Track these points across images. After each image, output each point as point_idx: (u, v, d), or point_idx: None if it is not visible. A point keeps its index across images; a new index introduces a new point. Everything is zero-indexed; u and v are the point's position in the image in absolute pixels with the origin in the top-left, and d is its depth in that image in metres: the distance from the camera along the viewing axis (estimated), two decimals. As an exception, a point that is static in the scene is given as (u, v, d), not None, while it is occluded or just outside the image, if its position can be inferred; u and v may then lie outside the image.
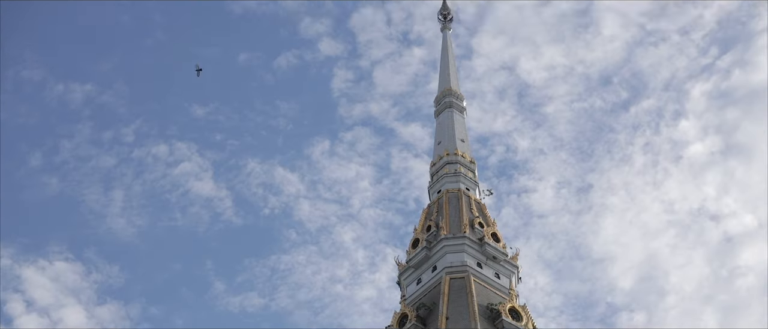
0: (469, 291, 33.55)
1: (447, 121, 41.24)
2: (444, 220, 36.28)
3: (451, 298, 33.39)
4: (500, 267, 35.48)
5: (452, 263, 34.78)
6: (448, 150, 39.69)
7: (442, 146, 40.24)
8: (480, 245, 35.49)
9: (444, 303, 33.15)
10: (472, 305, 32.93)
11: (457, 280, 34.09)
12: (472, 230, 35.93)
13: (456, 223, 36.20)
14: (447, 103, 41.94)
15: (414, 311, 33.39)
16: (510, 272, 35.59)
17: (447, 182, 38.44)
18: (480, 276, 34.65)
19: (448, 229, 35.81)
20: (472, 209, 37.09)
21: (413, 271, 35.89)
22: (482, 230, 36.00)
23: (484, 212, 37.60)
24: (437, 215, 36.85)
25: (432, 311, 33.41)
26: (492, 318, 32.67)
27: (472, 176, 39.09)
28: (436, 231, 36.03)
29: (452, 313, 32.79)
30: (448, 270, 34.52)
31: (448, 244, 35.20)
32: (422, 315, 33.33)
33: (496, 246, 35.69)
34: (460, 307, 32.96)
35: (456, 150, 39.62)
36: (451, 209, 36.94)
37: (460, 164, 39.11)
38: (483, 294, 33.83)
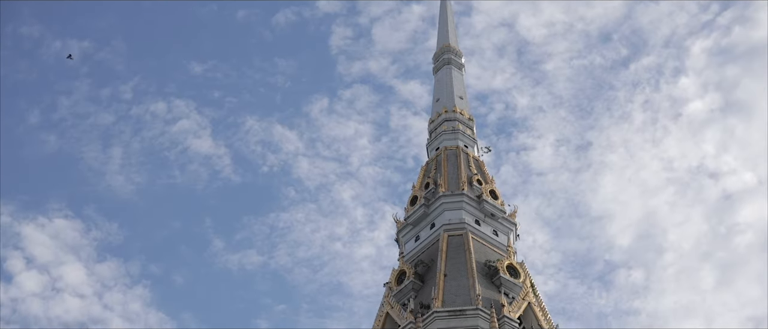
0: (467, 248, 33.58)
1: (445, 78, 41.07)
2: (442, 177, 36.24)
3: (449, 255, 33.43)
4: (498, 224, 35.50)
5: (450, 220, 34.79)
6: (447, 107, 39.55)
7: (440, 103, 40.10)
8: (478, 202, 35.48)
9: (442, 260, 33.20)
10: (470, 262, 32.98)
11: (455, 237, 34.11)
12: (471, 187, 35.90)
13: (454, 180, 36.17)
14: (445, 60, 41.73)
15: (412, 268, 33.45)
16: (508, 229, 35.62)
17: (445, 139, 38.35)
18: (478, 233, 34.68)
19: (447, 186, 35.78)
20: (471, 167, 37.04)
21: (411, 228, 35.91)
22: (480, 187, 35.97)
23: (483, 169, 37.55)
24: (435, 173, 36.81)
25: (430, 268, 33.46)
26: (490, 275, 32.74)
27: (471, 134, 39.00)
28: (435, 189, 36.01)
29: (450, 270, 32.85)
30: (446, 228, 34.54)
31: (446, 201, 35.19)
32: (420, 272, 33.39)
33: (494, 204, 35.69)
34: (458, 264, 33.02)
35: (454, 107, 39.48)
36: (449, 166, 36.88)
37: (458, 121, 38.98)
38: (481, 251, 33.88)
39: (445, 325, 30.86)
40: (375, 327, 32.98)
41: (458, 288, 32.10)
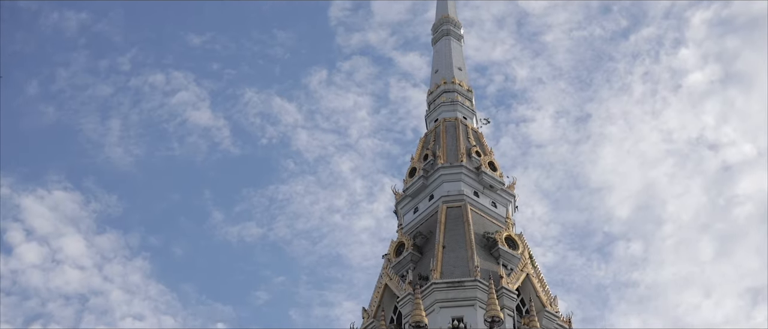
0: (465, 219, 33.56)
1: (444, 49, 40.88)
2: (441, 149, 36.17)
3: (448, 227, 33.42)
4: (497, 195, 35.47)
5: (449, 192, 34.76)
6: (445, 78, 39.40)
7: (439, 74, 39.94)
8: (477, 174, 35.43)
9: (440, 231, 33.19)
10: (468, 233, 32.97)
11: (453, 209, 34.09)
12: (469, 159, 35.84)
13: (453, 152, 36.10)
14: (444, 31, 41.52)
15: (411, 239, 33.44)
16: (506, 201, 35.60)
17: (444, 110, 38.23)
18: (476, 204, 34.66)
19: (445, 158, 35.72)
20: (469, 138, 36.96)
21: (410, 200, 35.88)
22: (479, 159, 35.91)
23: (481, 140, 37.47)
24: (434, 144, 36.73)
25: (428, 239, 33.46)
26: (488, 246, 32.74)
27: (470, 105, 38.88)
28: (433, 160, 35.94)
29: (449, 242, 32.84)
30: (444, 199, 34.51)
31: (444, 173, 35.14)
32: (419, 244, 33.38)
33: (492, 175, 35.64)
34: (457, 236, 33.01)
35: (453, 78, 39.33)
36: (448, 138, 36.79)
37: (457, 92, 38.85)
38: (479, 222, 33.87)
39: (443, 297, 30.89)
40: (373, 298, 33.01)
41: (457, 260, 32.11)
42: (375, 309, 32.47)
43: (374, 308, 32.56)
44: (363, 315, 33.04)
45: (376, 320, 31.76)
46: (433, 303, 30.81)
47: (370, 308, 32.88)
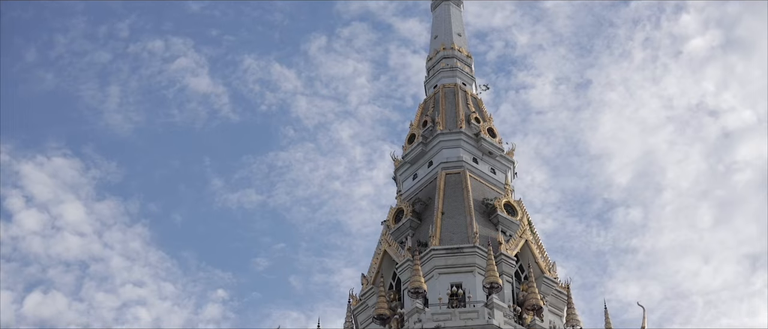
0: (464, 186, 33.53)
1: (443, 15, 40.65)
2: (440, 115, 36.07)
3: (447, 193, 33.39)
4: (496, 162, 35.42)
5: (448, 158, 34.69)
6: (445, 44, 39.21)
7: (438, 40, 39.74)
8: (476, 140, 35.36)
9: (439, 198, 33.17)
10: (467, 200, 32.95)
11: (452, 175, 34.05)
12: (468, 125, 35.74)
13: (452, 118, 36.00)
14: (444, -4, 41.23)
15: (410, 206, 33.43)
16: (506, 167, 35.55)
17: (443, 76, 38.09)
18: (475, 171, 34.61)
19: (444, 124, 35.63)
20: (469, 105, 36.85)
21: (409, 166, 35.83)
22: (478, 125, 35.82)
23: (481, 107, 37.36)
24: (433, 111, 36.62)
25: (427, 206, 33.45)
26: (487, 213, 32.73)
27: (469, 71, 38.72)
28: (432, 127, 35.85)
29: (448, 208, 32.83)
30: (443, 166, 34.46)
31: (443, 139, 35.06)
32: (418, 210, 33.36)
33: (492, 142, 35.57)
34: (456, 202, 32.99)
35: (453, 44, 39.14)
36: (447, 104, 36.68)
37: (456, 58, 38.69)
38: (478, 189, 33.83)
39: (442, 263, 30.92)
40: (372, 265, 33.05)
41: (455, 226, 32.11)
42: (374, 276, 32.51)
43: (373, 274, 32.61)
44: (362, 281, 33.09)
45: (375, 286, 31.81)
46: (431, 269, 30.85)
47: (369, 274, 32.93)
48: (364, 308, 32.24)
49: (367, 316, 31.86)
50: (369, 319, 31.49)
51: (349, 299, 32.68)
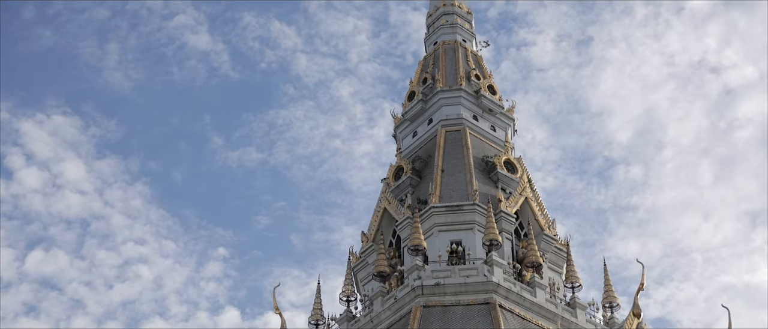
0: (464, 143, 33.45)
1: (444, -29, 40.25)
2: (440, 72, 35.90)
3: (447, 151, 33.32)
4: (496, 119, 35.31)
5: (448, 116, 34.58)
6: (445, 1, 38.92)
7: (438, -4, 39.40)
8: (476, 97, 35.22)
9: (439, 155, 33.10)
10: (467, 157, 32.88)
11: (452, 133, 33.95)
12: (469, 82, 35.59)
13: (452, 75, 35.83)
14: (444, -48, 40.84)
15: (410, 164, 33.38)
16: (506, 124, 35.44)
17: (443, 33, 37.84)
18: (476, 128, 34.51)
19: (444, 81, 35.47)
20: (469, 61, 36.67)
21: (409, 124, 35.72)
22: (478, 82, 35.66)
23: (481, 64, 37.18)
24: (433, 68, 36.45)
25: (427, 163, 33.39)
26: (487, 170, 32.67)
27: (469, 28, 38.47)
28: (432, 84, 35.70)
29: (447, 165, 32.77)
30: (443, 123, 34.35)
31: (443, 97, 34.92)
32: (418, 168, 33.31)
33: (492, 99, 35.43)
34: (456, 159, 32.92)
35: (453, 1, 38.85)
36: (447, 61, 36.49)
37: (456, 15, 38.40)
38: (478, 146, 33.75)
39: (442, 220, 30.92)
40: (372, 222, 33.05)
41: (455, 184, 32.07)
42: (374, 233, 32.53)
43: (373, 232, 32.62)
44: (362, 238, 33.11)
45: (375, 244, 31.84)
46: (431, 226, 30.85)
47: (369, 232, 32.94)
48: (364, 265, 32.29)
49: (367, 273, 31.93)
50: (369, 276, 31.56)
51: (349, 256, 32.71)
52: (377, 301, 29.79)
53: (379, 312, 29.47)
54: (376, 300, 29.83)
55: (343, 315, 30.89)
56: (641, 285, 28.09)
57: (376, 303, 29.83)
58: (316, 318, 31.63)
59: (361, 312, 30.74)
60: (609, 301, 31.08)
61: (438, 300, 28.56)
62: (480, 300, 28.43)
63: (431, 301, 28.55)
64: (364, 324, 29.73)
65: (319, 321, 31.55)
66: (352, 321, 30.50)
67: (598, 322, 30.38)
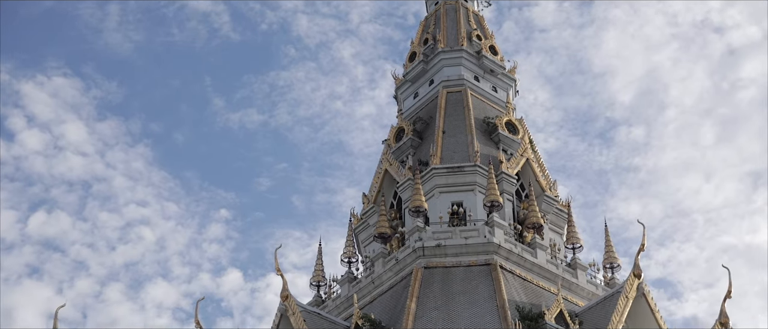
0: (465, 104, 33.34)
1: (445, -70, 39.90)
2: (441, 33, 35.71)
3: (448, 112, 33.22)
4: (497, 80, 35.17)
5: (449, 76, 34.44)
6: (446, -39, 38.56)
7: (439, -44, 39.07)
8: (477, 58, 35.07)
9: (440, 116, 33.01)
10: (468, 118, 32.80)
11: (453, 94, 33.84)
12: (470, 43, 35.41)
13: (453, 36, 35.64)
14: None
15: (410, 125, 33.30)
16: (507, 85, 35.31)
17: (444, -7, 37.57)
18: (477, 89, 34.38)
19: (445, 42, 35.29)
20: (470, 22, 36.46)
21: (410, 85, 35.60)
22: (480, 43, 35.48)
23: (482, 24, 36.97)
24: (434, 28, 36.25)
25: (428, 125, 33.31)
26: (488, 131, 32.59)
27: (471, -12, 38.18)
28: (433, 44, 35.53)
29: (449, 127, 32.69)
30: (444, 84, 34.23)
31: (444, 57, 34.76)
32: (419, 129, 33.24)
33: (493, 59, 35.27)
34: (457, 121, 32.84)
35: (454, -39, 38.49)
36: (448, 21, 36.28)
37: (457, -26, 38.09)
38: (480, 107, 33.65)
39: (443, 182, 30.89)
40: (373, 184, 33.02)
41: (456, 145, 32.01)
42: (375, 195, 32.52)
43: (374, 193, 32.61)
44: (363, 200, 33.11)
45: (376, 205, 31.84)
46: (432, 188, 30.83)
47: (370, 193, 32.93)
48: (365, 227, 32.31)
49: (368, 235, 31.96)
50: (370, 238, 31.59)
51: (350, 218, 32.74)
52: (378, 262, 29.84)
53: (380, 273, 29.53)
54: (378, 262, 29.88)
55: (345, 277, 30.96)
56: (642, 246, 28.09)
57: (377, 265, 29.88)
58: (317, 280, 31.73)
59: (363, 274, 30.81)
60: (610, 262, 31.14)
61: (439, 262, 28.61)
62: (481, 261, 28.48)
63: (432, 262, 28.60)
64: (365, 285, 29.80)
65: (321, 283, 31.65)
66: (353, 283, 30.58)
67: (599, 283, 30.44)
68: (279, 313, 28.22)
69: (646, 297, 27.69)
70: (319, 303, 30.88)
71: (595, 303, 28.09)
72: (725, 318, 25.86)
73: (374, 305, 28.86)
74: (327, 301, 30.94)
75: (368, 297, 29.44)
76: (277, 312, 28.35)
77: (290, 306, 27.82)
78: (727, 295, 26.30)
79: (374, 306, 28.77)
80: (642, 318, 27.67)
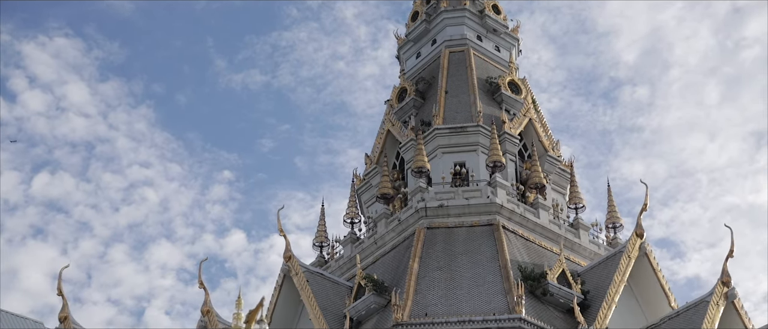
0: (468, 64, 33.21)
1: None
2: (444, -8, 35.45)
3: (451, 72, 33.09)
4: (500, 39, 34.99)
5: (452, 36, 34.27)
6: None
7: None
8: (480, 17, 34.86)
9: (443, 76, 32.89)
10: (471, 79, 32.67)
11: (456, 53, 33.68)
12: (473, 2, 35.18)
13: (456, -5, 35.40)
14: None
15: (413, 85, 33.18)
16: (510, 45, 35.13)
17: (447, -48, 37.27)
18: (479, 49, 34.22)
19: (448, 1, 35.07)
20: (473, -19, 36.18)
21: (412, 45, 35.43)
22: (483, 1, 35.25)
23: (485, -17, 36.70)
24: (437, -13, 35.98)
25: (431, 85, 33.20)
26: (491, 91, 32.49)
27: (473, -53, 37.86)
28: (436, 3, 35.30)
29: (451, 87, 32.58)
30: (447, 44, 34.06)
31: (447, 16, 34.55)
32: (421, 89, 33.14)
33: (496, 19, 35.06)
34: (459, 81, 32.72)
35: None
36: (450, -20, 36.02)
37: (460, -67, 37.78)
38: (482, 67, 33.51)
39: (445, 142, 30.85)
40: (376, 144, 32.98)
41: (459, 105, 31.93)
42: (377, 156, 32.48)
43: (377, 154, 32.58)
44: (366, 161, 33.08)
45: (379, 166, 31.82)
46: (435, 148, 30.79)
47: (372, 154, 32.89)
48: (367, 187, 32.31)
49: (370, 196, 31.96)
50: (372, 199, 31.60)
51: (353, 179, 32.74)
52: (381, 223, 29.87)
53: (383, 233, 29.57)
54: (380, 222, 29.92)
55: (347, 237, 31.01)
56: (644, 206, 28.09)
57: (379, 225, 29.92)
58: (320, 240, 31.80)
59: (365, 234, 30.86)
60: (612, 222, 31.17)
61: (441, 222, 28.64)
62: (483, 222, 28.51)
63: (435, 223, 28.63)
64: (368, 246, 29.86)
65: (324, 243, 31.73)
66: (356, 243, 30.64)
67: (601, 243, 30.48)
68: (282, 273, 28.33)
69: (648, 257, 27.74)
70: (322, 264, 30.97)
71: (598, 263, 28.15)
72: (727, 277, 25.88)
73: (377, 265, 28.94)
74: (330, 262, 31.02)
75: (371, 257, 29.50)
76: (280, 272, 28.47)
77: (293, 267, 27.92)
78: (729, 254, 26.30)
79: (377, 266, 28.85)
80: (644, 278, 27.75)
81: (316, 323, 26.49)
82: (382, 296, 26.43)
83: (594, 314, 25.86)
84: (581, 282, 27.04)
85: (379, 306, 26.41)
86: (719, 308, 25.54)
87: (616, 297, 26.32)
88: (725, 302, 25.72)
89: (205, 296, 26.56)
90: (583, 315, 25.73)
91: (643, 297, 27.83)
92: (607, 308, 26.00)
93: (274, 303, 28.29)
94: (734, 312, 25.96)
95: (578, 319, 25.45)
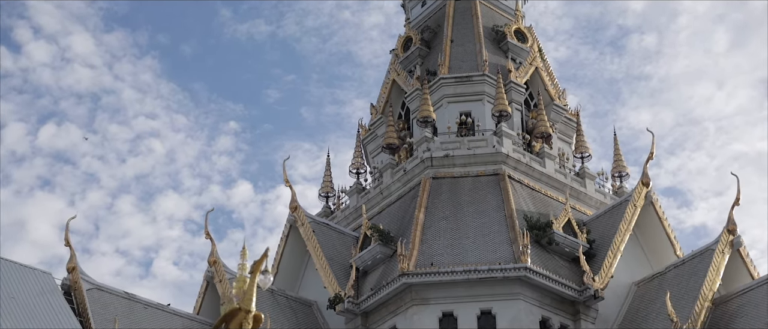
0: (474, 13, 32.94)
1: None
2: (449, -60, 35.09)
3: (456, 20, 32.86)
4: (506, -13, 34.68)
5: (457, -16, 33.96)
6: None
7: None
8: (486, -35, 34.54)
9: (448, 25, 32.66)
10: (477, 27, 32.44)
11: (461, 2, 33.38)
12: (478, -50, 34.83)
13: (461, -57, 35.03)
14: None
15: (418, 34, 32.97)
16: (516, -8, 34.82)
17: None
18: (485, -3, 33.95)
19: (453, -51, 34.70)
20: (478, -72, 35.79)
21: (418, -7, 35.15)
22: (488, -51, 34.91)
23: (491, -70, 36.31)
24: (442, -65, 35.61)
25: (436, 34, 32.99)
26: (497, 40, 32.28)
27: None
28: (441, -48, 34.95)
29: (457, 36, 32.38)
30: (452, -8, 33.78)
31: (452, -35, 34.24)
32: (427, 38, 32.93)
33: (502, -34, 34.72)
34: (465, 29, 32.50)
35: None
36: (456, -72, 35.63)
37: None
38: (488, 15, 33.25)
39: (451, 91, 30.73)
40: (381, 94, 32.86)
41: (465, 54, 31.75)
42: (383, 105, 32.38)
43: (382, 104, 32.48)
44: (371, 111, 32.98)
45: (384, 116, 31.73)
46: (440, 97, 30.68)
47: (378, 104, 32.79)
48: (373, 138, 32.26)
49: (376, 146, 31.92)
50: (378, 149, 31.56)
51: (359, 129, 32.67)
52: (387, 173, 29.86)
53: (389, 183, 29.57)
54: (386, 172, 29.91)
55: (353, 188, 31.02)
56: (651, 154, 28.02)
57: (385, 175, 29.91)
58: (326, 191, 31.83)
59: (371, 184, 30.87)
60: (618, 171, 31.12)
61: (447, 172, 28.62)
62: (489, 171, 28.48)
63: (440, 173, 28.61)
64: (374, 196, 29.88)
65: (330, 194, 31.76)
66: (361, 193, 30.65)
67: (607, 192, 30.45)
68: (288, 224, 28.40)
69: (654, 206, 27.73)
70: (328, 214, 31.02)
71: (603, 212, 28.15)
72: (733, 225, 25.87)
73: (383, 215, 28.98)
74: (336, 212, 31.07)
75: (377, 207, 29.53)
76: (286, 223, 28.52)
77: (299, 217, 27.97)
78: (735, 202, 26.26)
79: (383, 216, 28.89)
80: (650, 227, 27.75)
81: (322, 273, 26.59)
82: (387, 246, 26.49)
83: (599, 263, 25.92)
84: (587, 231, 27.05)
85: (385, 256, 26.49)
86: (725, 256, 25.56)
87: (621, 246, 26.35)
88: (731, 250, 25.73)
89: (212, 247, 26.63)
90: (589, 264, 25.78)
91: (649, 246, 27.86)
92: (613, 257, 26.05)
93: (281, 254, 28.39)
94: (740, 259, 25.99)
95: (584, 268, 25.51)
